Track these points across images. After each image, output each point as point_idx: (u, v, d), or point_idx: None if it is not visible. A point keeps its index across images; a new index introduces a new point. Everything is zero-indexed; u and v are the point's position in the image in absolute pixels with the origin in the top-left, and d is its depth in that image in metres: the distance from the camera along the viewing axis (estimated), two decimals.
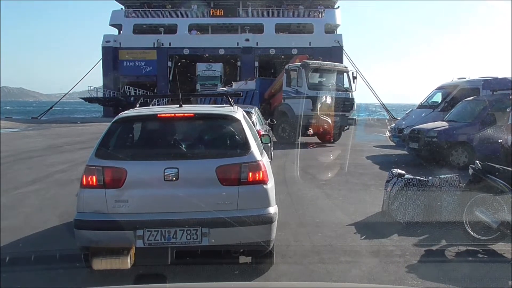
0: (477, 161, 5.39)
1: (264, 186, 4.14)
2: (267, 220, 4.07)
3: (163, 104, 22.00)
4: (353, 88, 17.68)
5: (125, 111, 4.85)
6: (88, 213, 4.05)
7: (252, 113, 9.80)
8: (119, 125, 4.50)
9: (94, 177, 4.03)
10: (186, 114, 4.64)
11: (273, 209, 4.16)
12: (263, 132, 8.82)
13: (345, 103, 17.06)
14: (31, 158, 12.85)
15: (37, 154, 13.85)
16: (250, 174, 4.10)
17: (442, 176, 6.16)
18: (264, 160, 4.38)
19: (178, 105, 4.82)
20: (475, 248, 5.08)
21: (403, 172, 6.45)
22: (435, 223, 5.70)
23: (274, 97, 19.88)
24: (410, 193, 6.01)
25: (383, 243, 5.27)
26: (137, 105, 5.34)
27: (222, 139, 4.59)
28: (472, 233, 5.14)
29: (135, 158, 4.25)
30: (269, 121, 13.30)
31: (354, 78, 17.94)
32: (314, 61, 18.17)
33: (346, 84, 17.73)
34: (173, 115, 4.61)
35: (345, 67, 18.87)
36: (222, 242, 3.97)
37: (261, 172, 4.14)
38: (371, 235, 5.57)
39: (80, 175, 4.17)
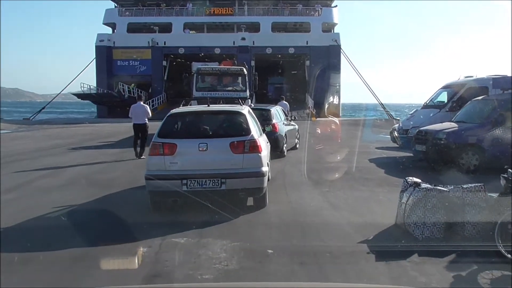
0: (510, 170, 4.68)
1: (259, 154, 6.59)
2: (261, 175, 6.49)
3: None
4: (246, 88, 19.05)
5: (174, 109, 7.55)
6: (153, 170, 6.42)
7: (270, 110, 13.22)
8: (172, 118, 7.01)
9: (157, 149, 6.42)
10: (212, 111, 7.49)
11: (265, 168, 6.63)
12: (276, 124, 12.52)
13: (234, 102, 18.03)
14: (15, 162, 12.07)
15: (24, 157, 13.08)
16: (250, 147, 6.49)
17: (465, 186, 5.43)
18: (260, 139, 6.95)
19: (206, 105, 7.53)
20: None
21: (419, 180, 5.75)
22: (459, 240, 5.01)
23: None
24: (429, 205, 5.31)
25: (402, 265, 4.54)
26: (181, 105, 8.46)
27: (233, 126, 6.93)
28: (507, 254, 4.43)
29: (182, 137, 6.76)
30: (290, 117, 16.09)
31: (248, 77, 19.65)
32: (206, 67, 21.64)
33: (242, 85, 19.03)
34: (204, 111, 7.39)
35: (240, 69, 19.72)
36: (234, 187, 6.38)
37: (257, 146, 6.59)
38: (386, 256, 4.80)
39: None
